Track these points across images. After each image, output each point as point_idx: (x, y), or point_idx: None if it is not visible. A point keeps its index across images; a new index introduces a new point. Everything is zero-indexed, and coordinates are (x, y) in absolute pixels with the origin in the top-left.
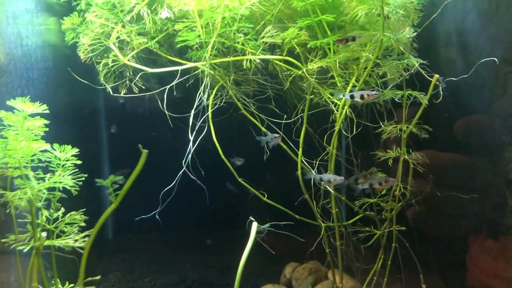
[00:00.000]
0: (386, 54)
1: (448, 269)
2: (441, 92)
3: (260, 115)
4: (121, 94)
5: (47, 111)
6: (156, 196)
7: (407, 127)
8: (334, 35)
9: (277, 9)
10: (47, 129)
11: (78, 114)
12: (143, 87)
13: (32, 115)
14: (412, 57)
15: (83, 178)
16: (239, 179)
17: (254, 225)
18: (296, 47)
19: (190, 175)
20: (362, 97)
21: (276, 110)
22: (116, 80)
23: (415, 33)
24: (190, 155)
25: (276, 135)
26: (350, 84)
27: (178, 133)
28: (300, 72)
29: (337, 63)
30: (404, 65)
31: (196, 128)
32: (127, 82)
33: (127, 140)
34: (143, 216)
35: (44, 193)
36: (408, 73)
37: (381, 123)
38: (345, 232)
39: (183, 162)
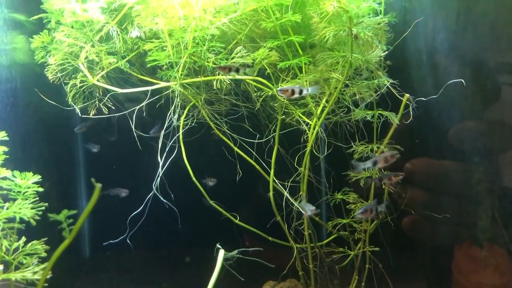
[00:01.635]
0: (357, 73)
1: (435, 277)
2: (411, 111)
3: (233, 134)
4: (91, 115)
5: (6, 138)
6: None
7: (378, 147)
8: (306, 54)
9: (248, 28)
10: (7, 156)
11: (47, 134)
12: (113, 108)
13: None
14: (383, 76)
15: (43, 208)
16: (211, 202)
17: (221, 253)
18: (267, 67)
19: (160, 197)
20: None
21: (250, 129)
22: (86, 100)
23: (386, 52)
24: (159, 176)
25: None
26: (321, 105)
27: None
28: (271, 92)
29: (307, 83)
30: (375, 84)
31: (167, 149)
32: (97, 102)
33: (100, 160)
34: (112, 241)
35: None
36: (378, 92)
37: (352, 143)
38: (319, 252)
39: (153, 184)
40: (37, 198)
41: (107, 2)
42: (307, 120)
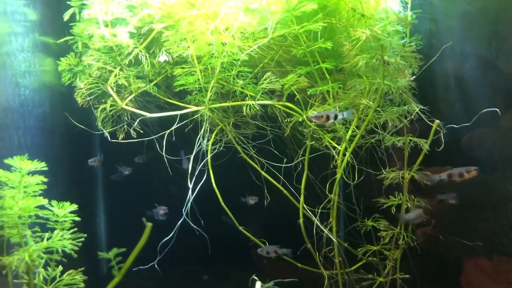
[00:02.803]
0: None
1: None
2: (442, 138)
3: (259, 158)
4: (119, 139)
5: (45, 168)
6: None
7: (408, 173)
8: (333, 78)
9: (274, 53)
10: (45, 186)
11: (75, 158)
12: (141, 131)
13: (31, 172)
14: (412, 102)
15: (83, 239)
16: (240, 228)
17: (258, 285)
18: (296, 93)
19: (191, 223)
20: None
21: (276, 152)
22: (114, 124)
23: (414, 76)
24: (189, 201)
25: None
26: (350, 130)
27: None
28: (300, 119)
29: (338, 109)
30: (405, 111)
31: (196, 173)
32: (125, 126)
33: (128, 185)
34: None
35: (42, 258)
36: (408, 119)
37: (382, 170)
38: (348, 279)
39: (183, 210)
40: (76, 229)
41: (136, 27)
42: (337, 146)
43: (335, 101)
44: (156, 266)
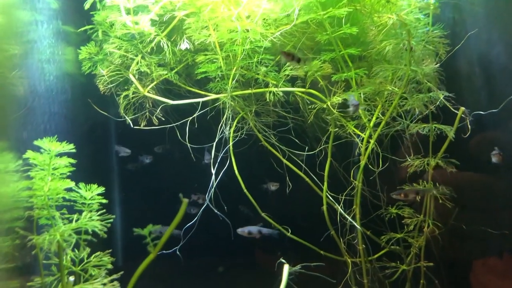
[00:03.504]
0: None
1: None
2: (469, 125)
3: (281, 146)
4: (141, 126)
5: (74, 150)
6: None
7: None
8: (356, 66)
9: (297, 40)
10: (73, 168)
11: (94, 146)
12: (163, 119)
13: (59, 154)
14: (436, 89)
15: (111, 220)
16: (262, 214)
17: (286, 268)
18: (320, 80)
19: (214, 210)
20: None
21: (297, 141)
22: (136, 111)
23: (438, 65)
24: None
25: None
26: (374, 117)
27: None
28: (325, 105)
29: (362, 96)
30: (430, 97)
31: (218, 160)
32: (147, 114)
33: (149, 173)
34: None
35: (73, 237)
36: (434, 105)
37: (407, 157)
38: (370, 267)
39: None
40: (104, 210)
41: (158, 14)
42: (360, 134)
43: (359, 87)
44: (178, 252)
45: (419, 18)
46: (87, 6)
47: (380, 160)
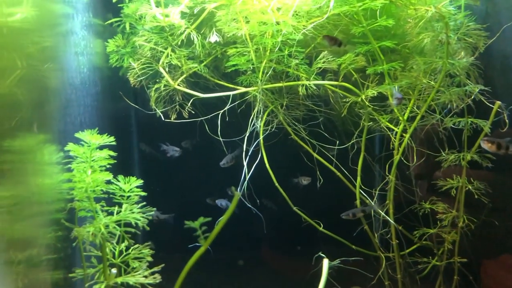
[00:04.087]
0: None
1: None
2: (506, 120)
3: (311, 140)
4: (172, 119)
5: (114, 143)
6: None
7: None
8: (387, 58)
9: (327, 32)
10: (114, 161)
11: (122, 139)
12: (193, 112)
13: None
14: (474, 83)
15: (153, 213)
16: (294, 208)
17: (325, 262)
18: (353, 73)
19: (247, 203)
20: None
21: (326, 135)
22: (166, 104)
23: (472, 58)
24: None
25: None
26: (408, 110)
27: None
28: (359, 99)
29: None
30: (466, 91)
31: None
32: (177, 107)
33: (180, 165)
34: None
35: (117, 229)
36: (469, 99)
37: (442, 152)
38: (402, 262)
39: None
40: (144, 203)
41: (188, 6)
42: (394, 128)
43: (394, 81)
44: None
45: (450, 10)
46: None
47: (414, 154)
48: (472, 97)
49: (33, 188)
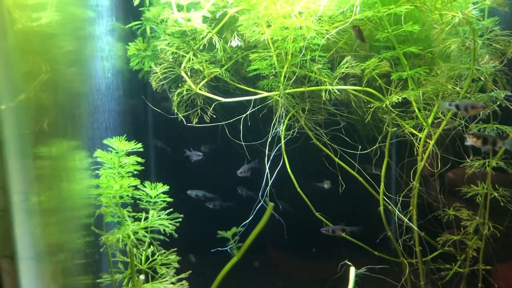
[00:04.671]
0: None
1: None
2: None
3: (332, 144)
4: (193, 123)
5: (141, 149)
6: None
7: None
8: (410, 63)
9: (353, 39)
10: (141, 167)
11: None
12: (214, 116)
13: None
14: (495, 88)
15: (180, 219)
16: (316, 214)
17: (352, 270)
18: (377, 78)
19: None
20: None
21: (348, 139)
22: (188, 108)
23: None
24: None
25: None
26: (431, 116)
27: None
28: (383, 105)
29: (421, 95)
30: (490, 97)
31: (271, 158)
32: (199, 111)
33: (203, 169)
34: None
35: (146, 236)
36: (495, 104)
37: (466, 158)
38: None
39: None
40: (172, 209)
41: (209, 11)
42: (418, 134)
43: (418, 86)
44: (229, 250)
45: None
46: (136, 1)
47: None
48: (498, 103)
49: (64, 194)
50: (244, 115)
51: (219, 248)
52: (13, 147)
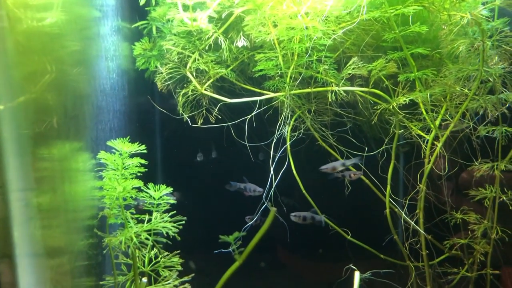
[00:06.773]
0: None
1: None
2: None
3: (338, 146)
4: (198, 124)
5: (145, 151)
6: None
7: (500, 165)
8: (418, 64)
9: (360, 39)
10: (144, 169)
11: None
12: (219, 117)
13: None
14: (504, 90)
15: (183, 222)
16: (322, 216)
17: (357, 275)
18: (384, 79)
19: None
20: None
21: (354, 141)
22: (193, 109)
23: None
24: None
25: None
26: (439, 118)
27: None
28: (390, 106)
29: (429, 97)
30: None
31: (276, 160)
32: (204, 111)
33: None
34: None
35: (148, 239)
36: (504, 106)
37: (475, 161)
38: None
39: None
40: (175, 211)
41: (215, 11)
42: (425, 136)
43: (425, 88)
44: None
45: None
46: (142, 1)
47: (446, 163)
48: (507, 105)
49: (67, 195)
50: (249, 116)
51: (222, 250)
52: (12, 147)
